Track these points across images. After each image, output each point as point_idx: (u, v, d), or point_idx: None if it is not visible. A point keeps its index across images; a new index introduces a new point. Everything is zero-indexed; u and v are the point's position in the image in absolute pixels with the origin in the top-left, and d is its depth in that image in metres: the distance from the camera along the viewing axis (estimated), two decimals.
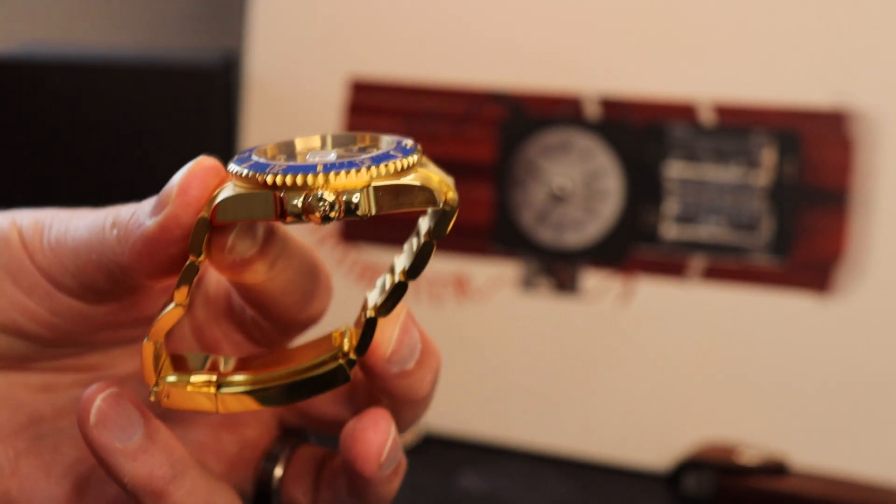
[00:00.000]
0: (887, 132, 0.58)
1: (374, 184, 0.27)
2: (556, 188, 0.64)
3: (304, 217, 0.27)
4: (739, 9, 0.61)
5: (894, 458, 0.58)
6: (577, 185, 0.64)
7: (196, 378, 0.31)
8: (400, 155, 0.28)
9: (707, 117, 0.61)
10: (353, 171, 0.27)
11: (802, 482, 0.57)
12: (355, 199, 0.27)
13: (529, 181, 0.65)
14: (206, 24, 0.96)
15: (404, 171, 0.28)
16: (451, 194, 0.28)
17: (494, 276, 0.65)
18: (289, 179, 0.27)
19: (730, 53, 0.61)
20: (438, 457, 0.63)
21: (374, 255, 0.67)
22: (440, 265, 0.66)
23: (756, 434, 0.60)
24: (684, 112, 0.61)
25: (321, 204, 0.27)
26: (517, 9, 0.65)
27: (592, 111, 0.63)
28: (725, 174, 0.61)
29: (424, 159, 0.29)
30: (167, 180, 0.30)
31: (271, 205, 0.27)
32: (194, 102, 0.72)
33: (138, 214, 0.30)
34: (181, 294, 0.29)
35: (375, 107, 0.67)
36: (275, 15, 0.69)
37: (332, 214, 0.27)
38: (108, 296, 0.32)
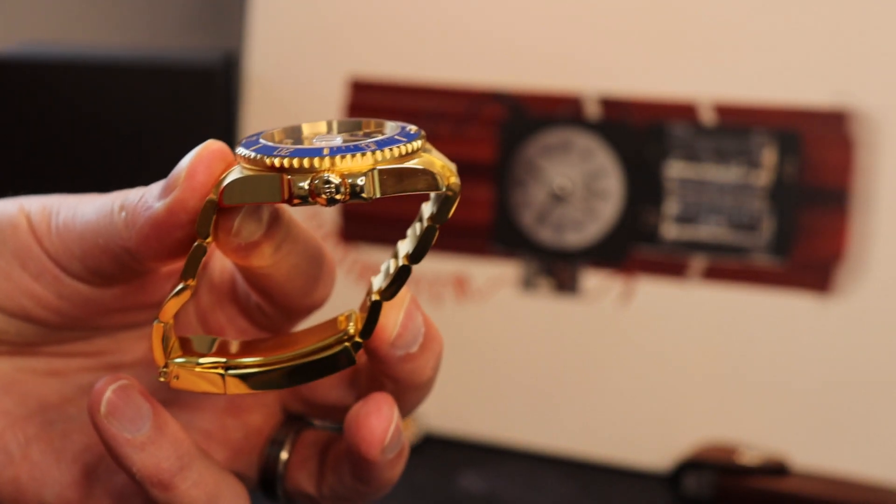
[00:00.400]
0: (887, 132, 0.58)
1: (378, 167, 0.28)
2: (556, 188, 0.64)
3: (310, 199, 0.28)
4: (740, 9, 0.61)
5: (894, 458, 0.58)
6: (577, 185, 0.64)
7: (205, 360, 0.31)
8: (404, 140, 0.29)
9: (707, 117, 0.61)
10: (358, 154, 0.28)
11: (803, 482, 0.57)
12: (360, 181, 0.28)
13: (529, 181, 0.65)
14: (206, 24, 0.96)
15: (408, 156, 0.28)
16: (454, 179, 0.29)
17: (494, 276, 0.65)
18: (296, 162, 0.28)
19: (730, 53, 0.61)
20: (438, 457, 0.63)
21: (374, 255, 0.67)
22: (440, 265, 0.66)
23: (756, 434, 0.60)
24: (685, 112, 0.61)
25: (327, 186, 0.28)
26: (517, 8, 0.65)
27: (592, 111, 0.63)
28: (726, 174, 0.61)
29: (428, 145, 0.30)
30: None
31: (278, 187, 0.28)
32: (194, 102, 0.72)
33: (146, 198, 0.30)
34: (189, 275, 0.30)
35: (375, 106, 0.67)
36: (275, 15, 0.69)
37: (338, 197, 0.28)
38: (115, 280, 0.32)
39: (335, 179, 0.27)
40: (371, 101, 0.67)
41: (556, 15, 0.64)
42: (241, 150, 0.29)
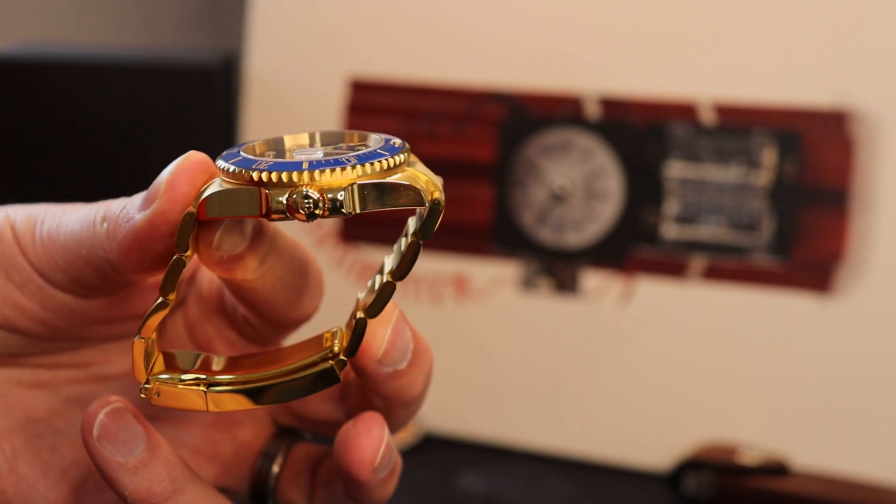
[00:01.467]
0: (887, 132, 0.58)
1: (358, 182, 0.27)
2: (556, 188, 0.64)
3: (289, 214, 0.27)
4: (740, 9, 0.61)
5: (894, 458, 0.58)
6: (577, 185, 0.64)
7: (187, 376, 0.31)
8: (387, 154, 0.28)
9: (707, 117, 0.61)
10: (338, 168, 0.27)
11: (803, 482, 0.57)
12: (340, 196, 0.27)
13: (529, 181, 0.65)
14: (206, 24, 0.96)
15: (391, 170, 0.28)
16: (438, 194, 0.28)
17: (494, 276, 0.65)
18: (274, 176, 0.27)
19: (730, 53, 0.61)
20: (438, 457, 0.63)
21: (373, 255, 0.67)
22: (440, 265, 0.66)
23: (756, 434, 0.60)
24: (685, 112, 0.61)
25: (306, 201, 0.27)
26: (517, 8, 0.65)
27: (592, 111, 0.63)
28: (726, 174, 0.61)
29: (413, 158, 0.29)
30: None
31: (256, 201, 0.27)
32: (194, 102, 0.72)
33: (128, 209, 0.30)
34: (167, 290, 0.29)
35: (375, 106, 0.67)
36: (275, 15, 0.69)
37: (317, 212, 0.27)
38: (100, 291, 0.32)
39: (314, 194, 0.27)
40: (371, 102, 0.67)
41: (556, 15, 0.64)
42: (220, 163, 0.28)
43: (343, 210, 0.27)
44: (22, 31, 0.85)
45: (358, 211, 0.27)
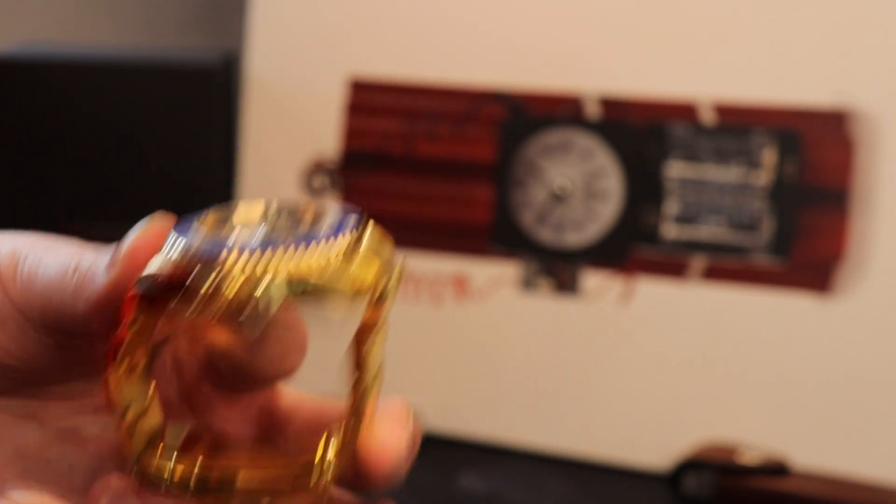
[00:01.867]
0: (887, 132, 0.58)
1: (278, 278, 0.25)
2: (556, 188, 0.64)
3: (209, 303, 0.26)
4: (740, 9, 0.61)
5: (894, 458, 0.58)
6: (577, 185, 0.64)
7: (176, 464, 0.29)
8: (329, 237, 0.26)
9: (708, 117, 0.61)
10: (267, 254, 0.26)
11: (803, 482, 0.57)
12: (258, 292, 0.25)
13: (529, 181, 0.65)
14: (206, 24, 0.96)
15: (333, 259, 0.26)
16: (386, 281, 0.26)
17: (494, 276, 0.65)
18: (198, 268, 0.26)
19: (731, 53, 0.61)
20: (438, 457, 0.63)
21: None
22: (440, 265, 0.66)
23: (756, 434, 0.60)
24: (685, 112, 0.61)
25: (224, 292, 0.26)
26: (517, 8, 0.65)
27: (592, 111, 0.63)
28: (726, 174, 0.61)
29: (365, 234, 0.27)
30: (166, 182, 0.29)
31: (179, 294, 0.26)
32: (194, 102, 0.72)
33: (94, 266, 0.29)
34: (126, 356, 0.28)
35: (375, 107, 0.67)
36: (275, 15, 0.69)
37: (236, 305, 0.26)
38: (76, 337, 0.31)
39: (231, 288, 0.25)
40: (371, 102, 0.67)
41: (556, 15, 0.64)
42: (169, 238, 0.27)
43: (261, 307, 0.25)
44: (22, 31, 0.85)
45: (277, 307, 0.26)
